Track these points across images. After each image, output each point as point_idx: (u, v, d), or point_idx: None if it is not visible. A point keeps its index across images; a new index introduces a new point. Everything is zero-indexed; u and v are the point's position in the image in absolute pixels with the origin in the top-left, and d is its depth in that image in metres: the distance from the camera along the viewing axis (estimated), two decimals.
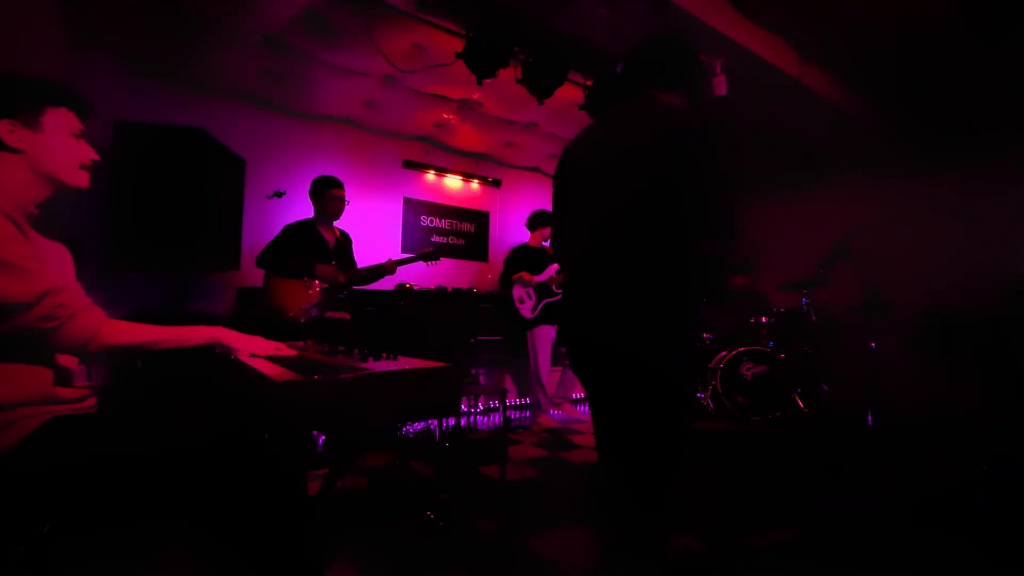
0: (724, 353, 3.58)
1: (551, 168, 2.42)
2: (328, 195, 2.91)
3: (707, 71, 2.82)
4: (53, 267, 1.07)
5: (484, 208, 4.86)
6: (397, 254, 4.22)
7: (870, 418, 3.40)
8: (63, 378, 1.07)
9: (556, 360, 3.90)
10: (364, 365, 1.08)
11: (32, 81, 1.07)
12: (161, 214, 2.60)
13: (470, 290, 4.07)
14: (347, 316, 2.90)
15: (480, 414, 4.11)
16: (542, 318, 3.72)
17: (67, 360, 1.08)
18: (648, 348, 1.20)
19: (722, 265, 1.32)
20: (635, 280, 1.21)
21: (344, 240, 3.08)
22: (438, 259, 3.33)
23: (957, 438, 3.13)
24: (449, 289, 3.99)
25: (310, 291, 2.66)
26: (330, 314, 2.76)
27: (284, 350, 1.32)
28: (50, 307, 0.94)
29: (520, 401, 4.53)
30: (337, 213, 2.96)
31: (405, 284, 3.81)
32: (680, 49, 1.41)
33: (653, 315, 1.20)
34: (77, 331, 0.99)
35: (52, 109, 1.06)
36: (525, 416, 4.08)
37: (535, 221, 3.94)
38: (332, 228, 3.01)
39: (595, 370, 1.35)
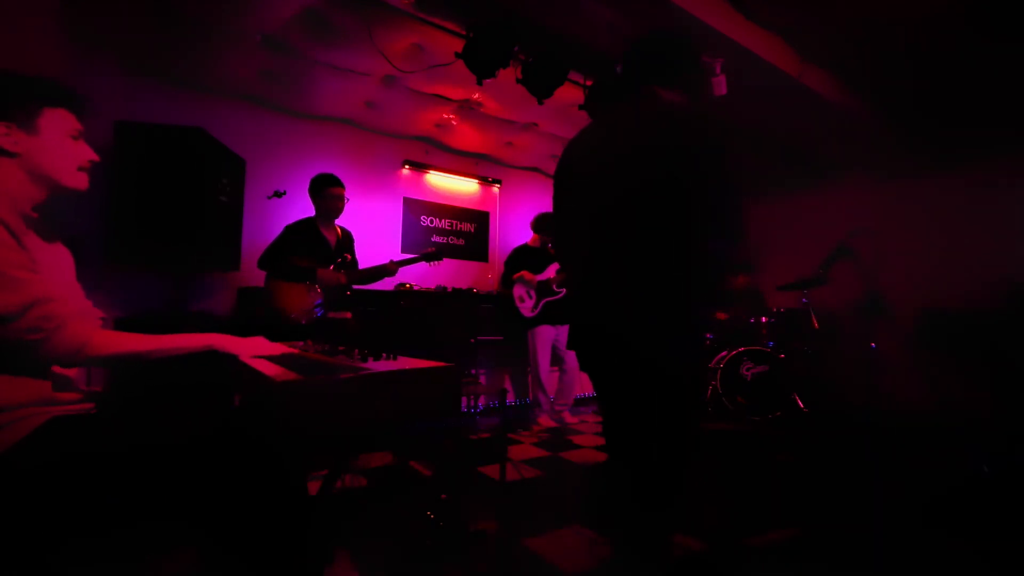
0: (724, 353, 3.57)
1: (551, 168, 2.42)
2: (326, 193, 2.90)
3: (708, 70, 2.82)
4: (52, 271, 1.06)
5: (484, 208, 4.86)
6: (397, 254, 4.22)
7: (870, 418, 3.39)
8: (61, 379, 1.06)
9: (555, 360, 3.90)
10: (364, 365, 1.07)
11: (28, 80, 1.04)
12: (161, 214, 2.61)
13: (470, 290, 4.07)
14: (349, 316, 2.90)
15: (480, 414, 4.11)
16: (542, 317, 3.72)
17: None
18: (652, 346, 1.20)
19: (726, 265, 1.30)
20: (637, 278, 1.20)
21: (346, 238, 3.07)
22: (440, 259, 3.34)
23: (957, 438, 3.13)
24: (449, 289, 3.99)
25: (311, 294, 2.66)
26: (332, 314, 2.77)
27: (284, 350, 1.31)
28: (35, 319, 0.91)
29: (520, 401, 4.53)
30: (336, 212, 2.95)
31: (405, 284, 3.81)
32: (681, 44, 1.39)
33: (655, 313, 1.19)
34: (64, 342, 0.95)
35: (49, 110, 1.04)
36: (525, 416, 4.08)
37: (540, 224, 3.92)
38: (333, 227, 3.01)
39: (602, 368, 1.35)
